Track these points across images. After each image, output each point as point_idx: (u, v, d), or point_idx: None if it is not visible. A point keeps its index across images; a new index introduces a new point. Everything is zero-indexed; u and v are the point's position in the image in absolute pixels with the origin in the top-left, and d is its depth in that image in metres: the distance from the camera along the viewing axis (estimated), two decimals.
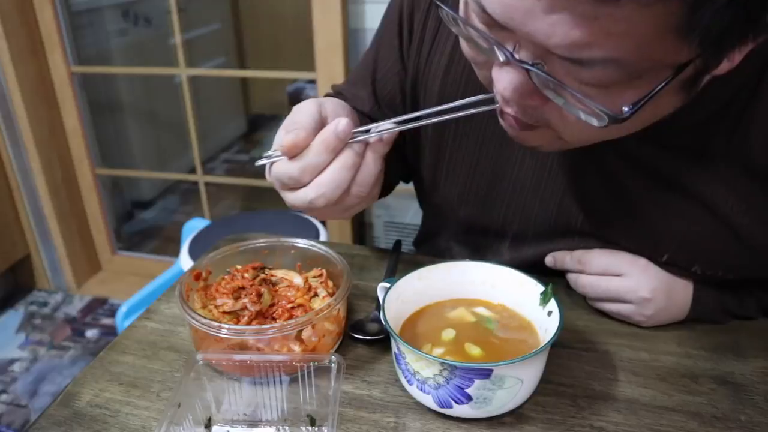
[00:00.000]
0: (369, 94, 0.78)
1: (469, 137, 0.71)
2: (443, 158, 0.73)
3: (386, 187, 0.80)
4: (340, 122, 0.53)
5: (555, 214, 0.69)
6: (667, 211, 0.61)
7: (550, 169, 0.67)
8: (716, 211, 0.59)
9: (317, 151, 0.53)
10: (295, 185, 0.55)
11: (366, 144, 0.55)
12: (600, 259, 0.66)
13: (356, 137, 0.54)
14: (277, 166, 0.55)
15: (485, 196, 0.72)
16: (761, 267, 0.62)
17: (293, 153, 0.53)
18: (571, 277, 0.70)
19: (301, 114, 0.55)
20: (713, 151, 0.57)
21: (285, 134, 0.54)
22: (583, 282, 0.67)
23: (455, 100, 0.69)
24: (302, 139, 0.53)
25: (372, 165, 0.55)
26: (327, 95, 0.80)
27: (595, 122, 0.42)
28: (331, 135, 0.53)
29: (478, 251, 0.78)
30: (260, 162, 0.57)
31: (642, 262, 0.64)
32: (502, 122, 0.53)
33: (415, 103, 0.75)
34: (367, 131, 0.55)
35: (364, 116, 0.78)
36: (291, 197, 0.56)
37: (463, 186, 0.73)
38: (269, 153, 0.56)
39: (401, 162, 0.79)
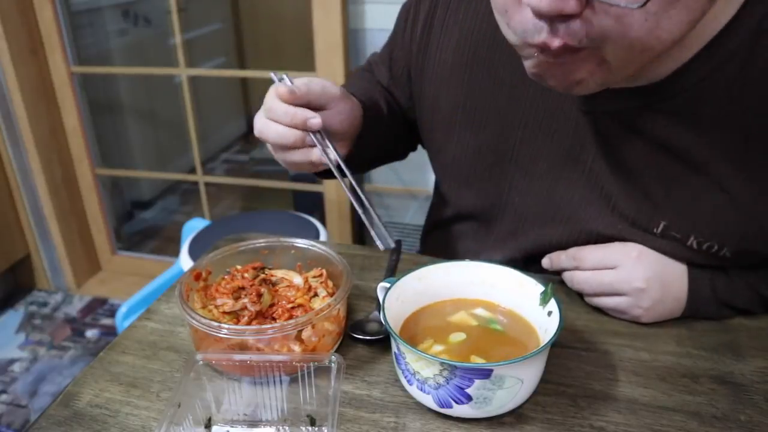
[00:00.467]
0: (387, 69, 0.84)
1: (476, 114, 0.73)
2: (451, 140, 0.76)
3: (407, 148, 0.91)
4: (317, 117, 0.63)
5: (555, 185, 0.70)
6: (664, 176, 0.62)
7: (550, 139, 0.68)
8: (711, 175, 0.60)
9: (287, 111, 0.63)
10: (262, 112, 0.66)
11: (314, 145, 0.65)
12: (594, 253, 0.67)
13: (317, 136, 0.64)
14: (270, 89, 0.65)
15: (489, 177, 0.74)
16: (756, 238, 0.62)
17: (281, 96, 0.63)
18: (566, 275, 0.70)
19: (324, 83, 0.66)
20: (708, 116, 0.58)
21: (301, 81, 0.65)
22: (579, 278, 0.68)
23: (460, 87, 0.73)
24: (295, 97, 0.63)
25: (301, 155, 0.65)
26: (370, 57, 0.90)
27: (635, 4, 0.42)
28: (302, 115, 0.63)
29: (483, 240, 0.79)
30: (271, 74, 0.67)
31: (634, 253, 0.65)
32: (539, 69, 0.52)
33: (420, 90, 0.78)
34: (325, 143, 0.65)
35: (384, 89, 0.84)
36: (256, 115, 0.67)
37: (469, 168, 0.75)
38: (283, 77, 0.66)
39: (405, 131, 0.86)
